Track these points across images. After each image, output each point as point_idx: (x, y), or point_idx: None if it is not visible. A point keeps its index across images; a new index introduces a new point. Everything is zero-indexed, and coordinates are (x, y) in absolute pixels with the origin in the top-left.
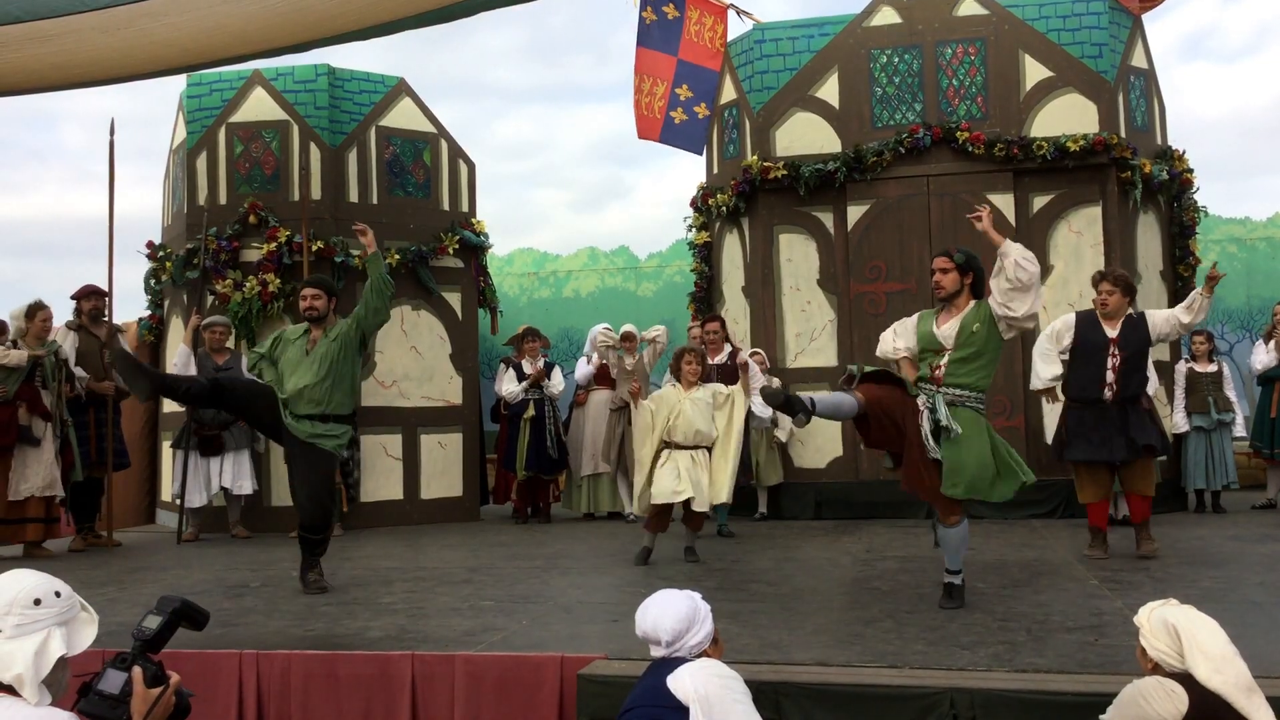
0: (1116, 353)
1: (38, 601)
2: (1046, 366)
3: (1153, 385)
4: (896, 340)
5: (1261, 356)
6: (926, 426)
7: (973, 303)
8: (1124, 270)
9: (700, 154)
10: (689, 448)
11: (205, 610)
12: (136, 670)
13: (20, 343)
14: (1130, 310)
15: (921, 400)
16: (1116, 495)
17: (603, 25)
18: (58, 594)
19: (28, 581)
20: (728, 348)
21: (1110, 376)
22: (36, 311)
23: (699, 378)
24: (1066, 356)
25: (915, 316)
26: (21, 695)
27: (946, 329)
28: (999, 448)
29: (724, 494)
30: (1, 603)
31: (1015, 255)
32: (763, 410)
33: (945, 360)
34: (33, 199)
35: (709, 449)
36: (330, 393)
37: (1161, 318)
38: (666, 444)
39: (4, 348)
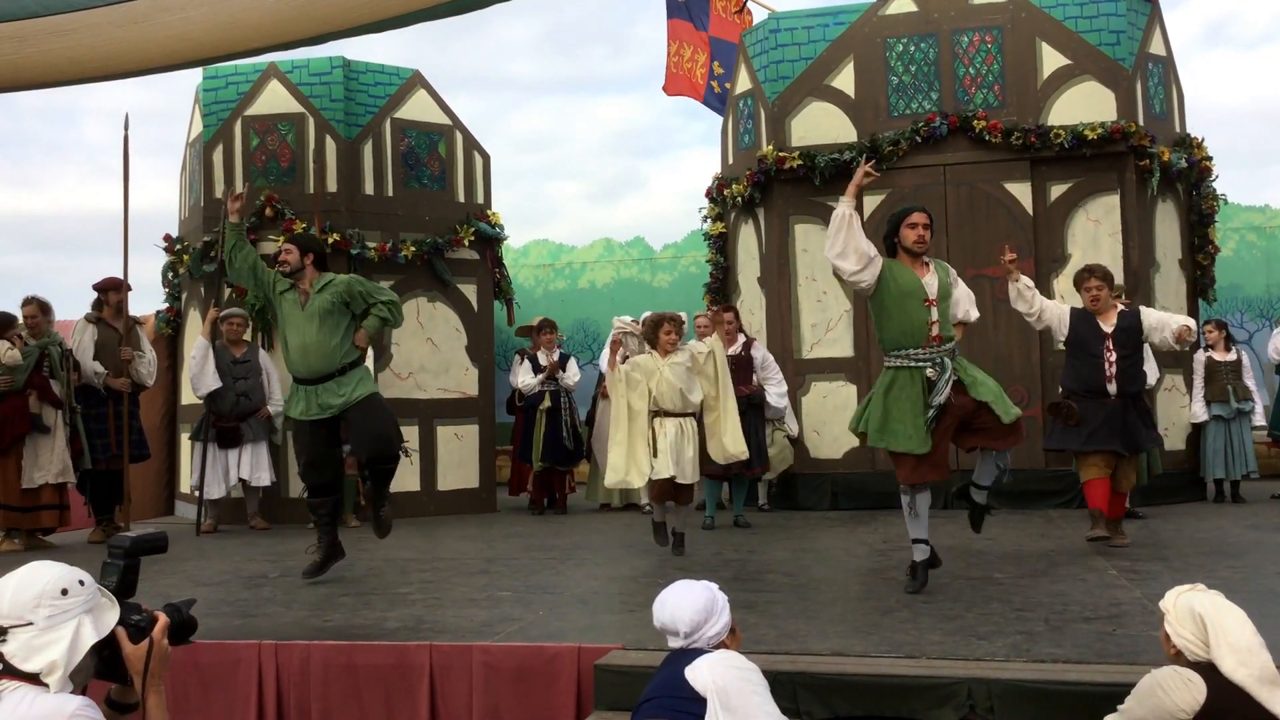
0: (1113, 347)
1: (65, 591)
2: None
3: (1153, 375)
4: (875, 261)
5: (1278, 344)
6: (948, 393)
7: (931, 260)
8: (1104, 265)
9: None
10: (676, 414)
11: (161, 533)
12: (120, 631)
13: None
14: (1121, 304)
15: (929, 371)
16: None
17: (620, 16)
18: (81, 583)
19: (52, 573)
20: (742, 338)
21: (1110, 370)
22: (24, 307)
23: (674, 347)
24: (1062, 346)
25: (881, 259)
26: (47, 683)
27: (928, 280)
28: None
29: (739, 445)
30: (30, 596)
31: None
32: (779, 401)
33: (935, 317)
34: (52, 193)
35: (696, 417)
36: (335, 349)
37: (1155, 319)
38: (655, 412)
39: (6, 344)
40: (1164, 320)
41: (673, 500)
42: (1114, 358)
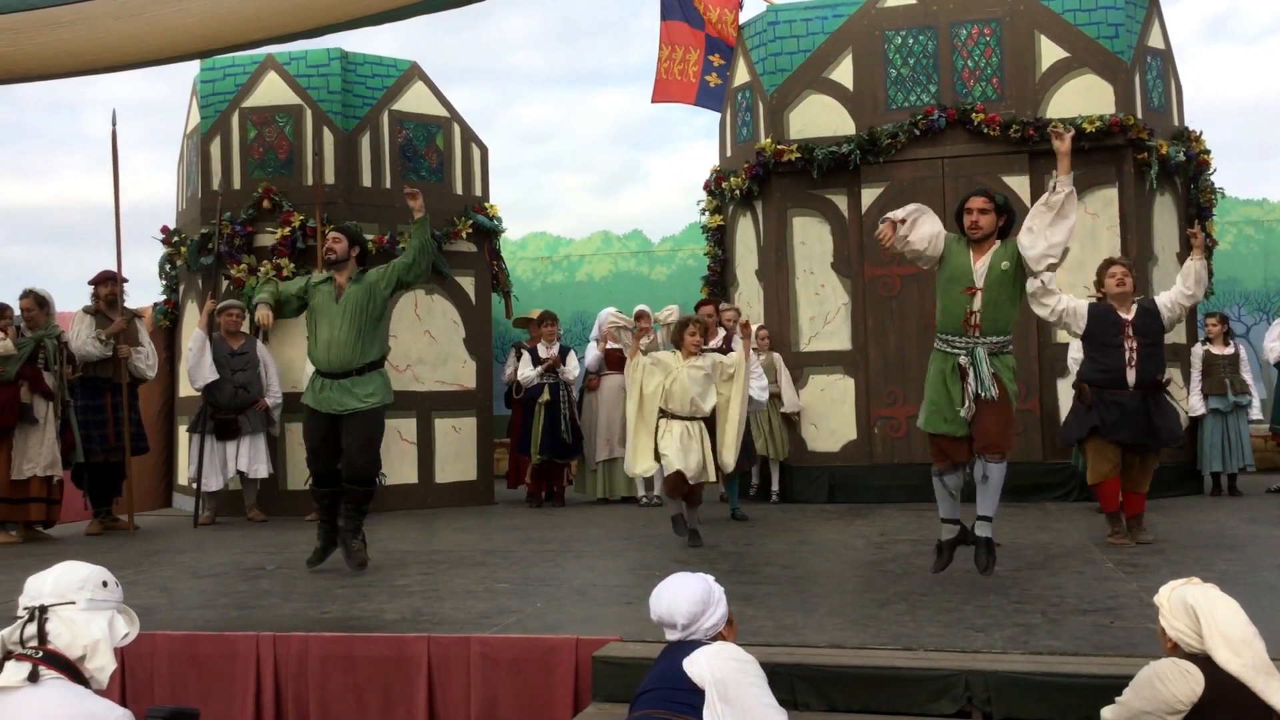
0: (1133, 335)
1: (105, 584)
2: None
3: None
4: (936, 240)
5: (1274, 341)
6: (972, 387)
7: (998, 242)
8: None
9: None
10: (684, 418)
11: (194, 710)
12: None
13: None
14: (1139, 296)
15: (962, 359)
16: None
17: (624, 8)
18: (118, 583)
19: (92, 567)
20: (722, 332)
21: (1131, 357)
22: (21, 300)
23: (699, 349)
24: (1078, 339)
25: (947, 235)
26: (85, 671)
27: (980, 266)
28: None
29: (729, 457)
30: (76, 579)
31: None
32: (760, 394)
33: (979, 305)
34: (53, 185)
35: (705, 421)
36: (359, 348)
37: (1168, 299)
38: (662, 412)
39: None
40: (1172, 291)
41: (685, 499)
42: (1134, 345)
